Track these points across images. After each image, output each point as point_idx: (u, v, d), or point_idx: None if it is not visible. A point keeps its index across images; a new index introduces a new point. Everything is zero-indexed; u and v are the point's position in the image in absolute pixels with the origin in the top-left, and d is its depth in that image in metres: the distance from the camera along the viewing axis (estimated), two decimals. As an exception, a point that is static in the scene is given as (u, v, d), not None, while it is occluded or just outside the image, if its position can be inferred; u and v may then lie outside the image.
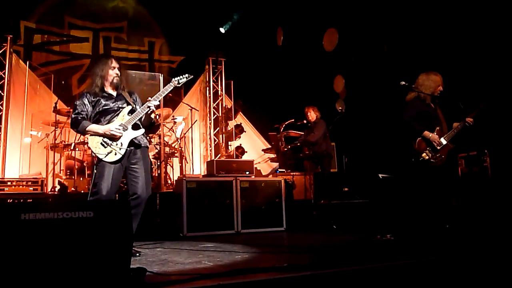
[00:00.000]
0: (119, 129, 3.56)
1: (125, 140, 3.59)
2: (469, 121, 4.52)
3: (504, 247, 3.24)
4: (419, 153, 4.47)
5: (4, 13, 7.49)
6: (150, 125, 3.92)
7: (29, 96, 7.61)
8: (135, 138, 3.64)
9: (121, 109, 3.69)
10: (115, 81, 3.75)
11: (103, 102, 3.68)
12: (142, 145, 3.71)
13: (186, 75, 3.91)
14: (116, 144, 3.56)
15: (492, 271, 2.80)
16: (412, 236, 4.18)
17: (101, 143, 3.55)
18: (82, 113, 3.63)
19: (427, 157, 4.40)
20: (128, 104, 3.74)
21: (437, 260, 2.76)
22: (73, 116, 3.65)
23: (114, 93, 3.79)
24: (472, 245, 3.52)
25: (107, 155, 3.53)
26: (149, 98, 3.69)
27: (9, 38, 7.53)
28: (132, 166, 3.64)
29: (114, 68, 3.76)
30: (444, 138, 4.46)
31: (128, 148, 3.60)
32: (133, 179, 3.61)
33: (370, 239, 4.17)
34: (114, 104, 3.71)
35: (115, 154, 3.54)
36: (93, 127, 3.58)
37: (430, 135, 4.41)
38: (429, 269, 2.68)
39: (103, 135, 3.55)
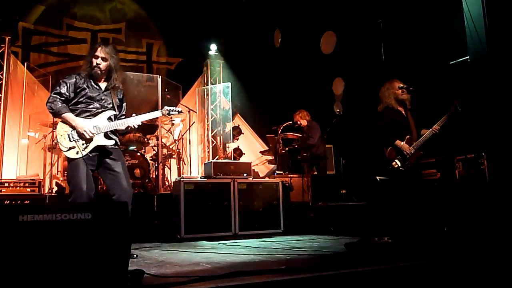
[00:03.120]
0: (92, 132, 3.46)
1: (92, 144, 3.49)
2: (435, 129, 4.59)
3: (501, 249, 3.25)
4: (390, 161, 4.57)
5: (2, 14, 7.47)
6: (125, 133, 3.88)
7: (27, 97, 7.61)
8: (102, 145, 3.55)
9: (103, 110, 3.59)
10: (93, 71, 3.56)
11: (88, 93, 3.55)
12: (109, 146, 3.59)
13: (179, 109, 3.79)
14: (83, 144, 3.47)
15: (489, 273, 2.81)
16: (409, 239, 4.19)
17: (68, 135, 3.47)
18: (62, 96, 3.50)
19: (396, 166, 4.52)
20: (112, 107, 3.63)
21: (434, 263, 2.76)
22: (52, 94, 3.52)
23: (103, 86, 3.65)
24: (470, 247, 3.53)
25: (68, 149, 3.45)
26: (134, 115, 3.63)
27: (7, 39, 7.51)
28: (111, 166, 3.57)
29: (98, 57, 3.55)
30: (413, 146, 4.55)
31: (91, 154, 3.49)
32: (115, 179, 3.55)
33: (367, 242, 4.18)
34: (98, 100, 3.59)
35: (77, 152, 3.44)
36: (68, 116, 3.47)
37: (401, 144, 4.52)
38: (427, 271, 2.69)
39: (74, 128, 3.47)
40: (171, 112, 3.74)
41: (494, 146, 5.97)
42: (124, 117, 3.77)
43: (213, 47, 9.40)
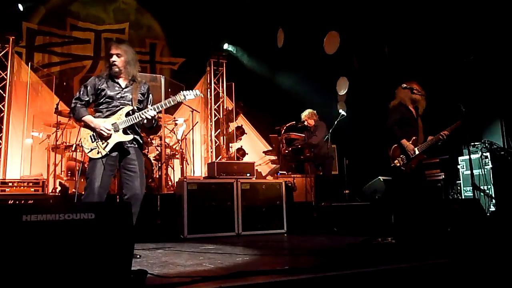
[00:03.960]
0: (109, 130, 3.49)
1: (112, 141, 3.53)
2: (444, 134, 4.59)
3: (505, 250, 3.23)
4: (392, 158, 4.57)
5: (6, 14, 7.50)
6: (151, 127, 3.88)
7: (31, 97, 7.63)
8: (122, 142, 3.57)
9: (122, 107, 3.60)
10: (111, 70, 3.58)
11: (108, 93, 3.58)
12: (128, 143, 3.60)
13: (196, 92, 3.69)
14: (102, 143, 3.51)
15: (493, 274, 2.79)
16: (413, 239, 4.18)
17: (91, 136, 3.53)
18: (82, 100, 3.59)
19: (398, 164, 4.52)
20: (131, 104, 3.63)
21: (438, 264, 2.75)
22: (73, 101, 3.62)
23: (124, 84, 3.66)
24: (474, 248, 3.52)
25: (90, 150, 3.50)
26: (149, 107, 3.64)
27: (11, 39, 7.54)
28: (128, 166, 3.58)
29: (112, 55, 3.57)
30: (417, 148, 4.55)
31: (111, 153, 3.51)
32: (129, 179, 3.57)
33: (371, 242, 4.17)
34: (119, 99, 3.61)
35: (97, 152, 3.49)
36: (88, 118, 3.54)
37: (407, 144, 4.51)
38: (431, 272, 2.68)
39: (93, 130, 3.52)
40: (187, 97, 3.64)
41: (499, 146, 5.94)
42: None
43: (217, 47, 9.40)
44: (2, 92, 7.46)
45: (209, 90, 9.36)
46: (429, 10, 7.01)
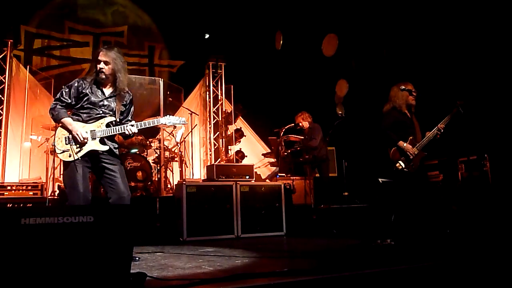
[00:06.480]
0: (85, 137, 3.45)
1: (86, 147, 3.48)
2: (440, 128, 4.57)
3: (504, 251, 3.24)
4: (394, 162, 4.57)
5: (4, 17, 7.51)
6: (127, 137, 3.82)
7: (29, 101, 7.62)
8: (96, 150, 3.51)
9: (103, 116, 3.56)
10: (98, 76, 3.53)
11: (91, 99, 3.53)
12: (104, 152, 3.55)
13: (183, 120, 3.74)
14: (76, 147, 3.46)
15: (492, 275, 2.79)
16: (412, 241, 4.18)
17: (66, 138, 3.48)
18: (63, 102, 3.52)
19: (400, 167, 4.53)
20: (113, 114, 3.60)
21: (437, 265, 2.75)
22: (53, 102, 3.56)
23: (108, 92, 3.60)
24: (473, 249, 3.52)
25: (62, 152, 3.46)
26: (133, 122, 3.59)
27: (9, 42, 7.54)
28: (107, 170, 3.54)
29: (100, 62, 3.52)
30: (416, 147, 4.55)
31: (83, 158, 3.46)
32: (112, 182, 3.53)
33: (370, 244, 4.17)
34: (100, 106, 3.55)
35: (69, 155, 3.44)
36: (66, 120, 3.49)
37: (405, 145, 4.53)
38: (430, 274, 2.68)
39: (70, 132, 3.47)
40: (171, 121, 3.68)
41: (497, 148, 5.96)
42: (129, 121, 3.73)
43: (215, 50, 9.41)
44: (0, 96, 7.45)
45: (207, 92, 9.37)
46: (428, 12, 7.03)
